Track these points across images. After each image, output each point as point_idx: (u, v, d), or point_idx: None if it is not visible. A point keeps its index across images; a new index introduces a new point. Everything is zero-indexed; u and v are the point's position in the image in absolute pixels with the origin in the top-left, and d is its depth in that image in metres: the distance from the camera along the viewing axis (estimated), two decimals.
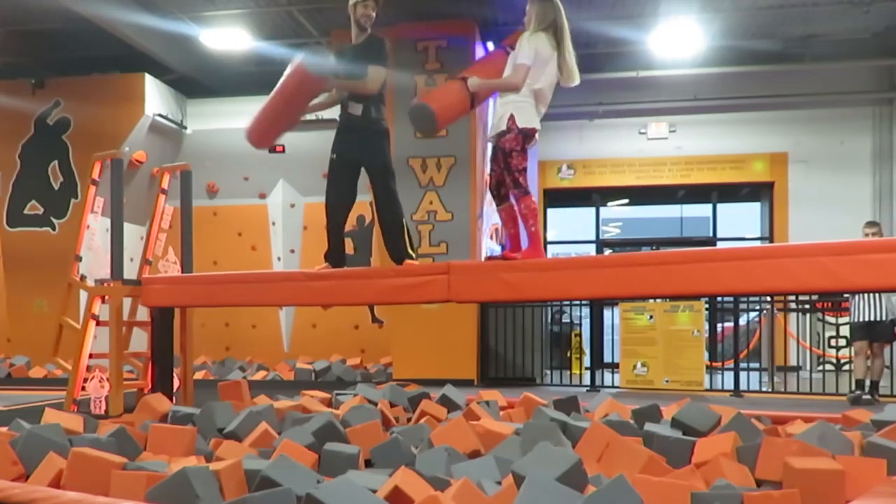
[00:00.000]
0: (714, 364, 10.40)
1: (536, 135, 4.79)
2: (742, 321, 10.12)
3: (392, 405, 5.37)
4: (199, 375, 9.42)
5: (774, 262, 3.97)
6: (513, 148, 4.67)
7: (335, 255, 5.48)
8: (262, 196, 12.11)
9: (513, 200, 4.81)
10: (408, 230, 5.36)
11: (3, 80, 11.52)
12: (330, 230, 5.51)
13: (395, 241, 5.29)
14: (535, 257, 4.68)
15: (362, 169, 5.35)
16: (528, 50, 4.63)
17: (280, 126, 5.43)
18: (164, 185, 7.42)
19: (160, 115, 11.45)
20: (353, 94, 5.21)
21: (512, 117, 4.65)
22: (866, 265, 3.75)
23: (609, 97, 11.97)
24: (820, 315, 10.32)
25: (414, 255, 5.31)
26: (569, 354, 10.94)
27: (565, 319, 11.39)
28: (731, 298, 9.14)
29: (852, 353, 7.91)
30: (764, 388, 8.95)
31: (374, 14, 5.20)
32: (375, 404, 5.08)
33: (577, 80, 4.77)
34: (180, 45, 10.95)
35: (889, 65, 11.75)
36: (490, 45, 10.27)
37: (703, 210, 13.14)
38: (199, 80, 11.98)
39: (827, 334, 10.57)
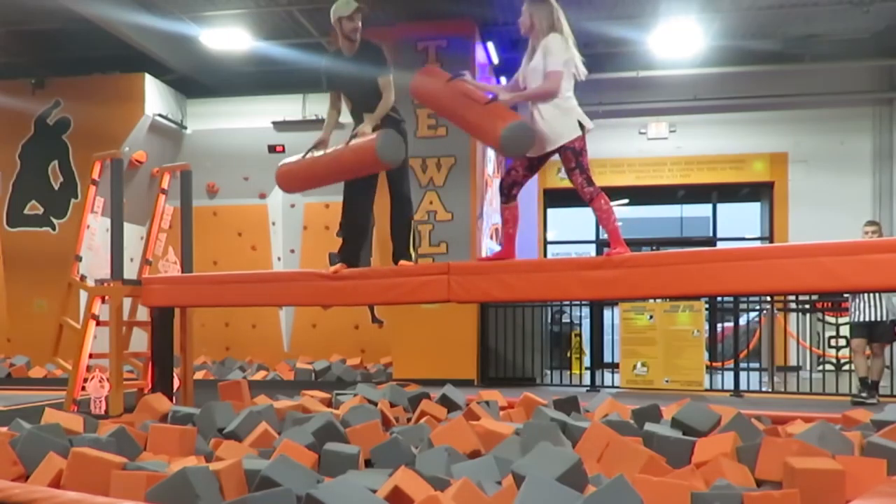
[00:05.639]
0: (714, 364, 10.39)
1: None
2: (742, 321, 10.12)
3: (392, 405, 5.37)
4: (199, 375, 9.42)
5: (774, 263, 3.97)
6: (583, 147, 4.61)
7: (353, 255, 5.31)
8: (262, 196, 12.11)
9: (587, 199, 4.64)
10: (414, 232, 5.35)
11: (3, 80, 11.53)
12: (349, 227, 5.33)
13: (400, 241, 5.28)
14: (624, 252, 4.53)
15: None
16: (556, 55, 4.52)
17: (321, 183, 5.34)
18: (164, 185, 7.42)
19: (160, 115, 11.45)
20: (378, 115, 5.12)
21: (580, 123, 4.59)
22: (866, 265, 3.75)
23: (609, 97, 11.96)
24: (820, 315, 10.32)
25: (413, 257, 5.30)
26: (569, 354, 10.94)
27: (565, 319, 11.38)
28: (731, 298, 9.13)
29: (851, 353, 7.91)
30: (764, 388, 8.95)
31: (360, 24, 5.17)
32: (375, 404, 5.08)
33: (585, 75, 4.74)
34: (180, 45, 10.95)
35: (889, 65, 11.75)
36: (490, 46, 10.27)
37: (703, 210, 13.15)
38: (199, 80, 11.98)
39: (827, 334, 10.56)
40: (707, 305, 9.31)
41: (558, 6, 4.67)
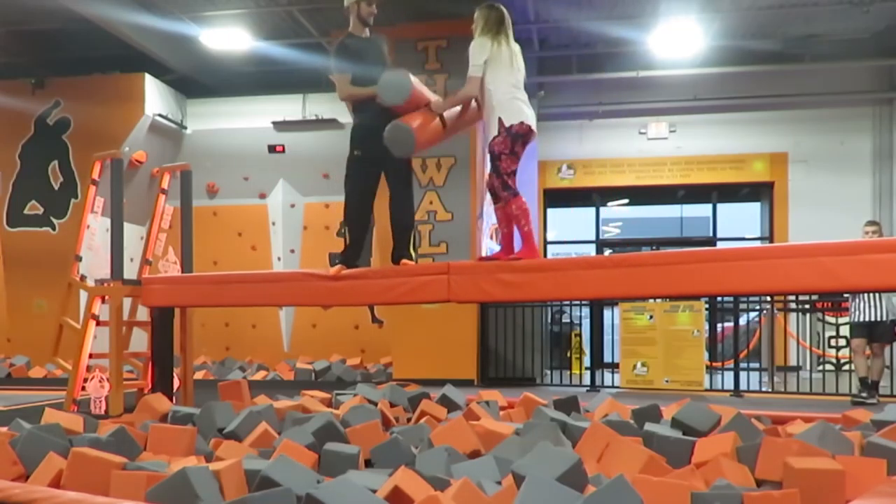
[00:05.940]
0: (714, 364, 10.39)
1: (533, 131, 4.76)
2: (742, 321, 10.12)
3: (392, 405, 5.37)
4: (199, 375, 9.42)
5: (774, 262, 3.97)
6: (501, 151, 4.66)
7: (355, 256, 5.29)
8: (262, 196, 12.11)
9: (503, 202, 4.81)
10: (414, 233, 5.36)
11: (3, 80, 11.53)
12: (354, 229, 5.30)
13: (402, 241, 5.27)
14: (529, 257, 4.67)
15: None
16: (471, 59, 4.72)
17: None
18: (164, 185, 7.42)
19: (160, 115, 11.45)
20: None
21: (500, 120, 4.66)
22: (866, 265, 3.74)
23: (609, 97, 11.96)
24: (820, 315, 10.32)
25: (413, 256, 5.30)
26: (569, 354, 10.94)
27: (565, 319, 11.39)
28: (731, 298, 9.14)
29: (851, 353, 7.91)
30: (764, 388, 8.95)
31: (376, 10, 5.20)
32: (375, 404, 5.08)
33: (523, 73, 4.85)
34: (180, 45, 10.95)
35: (889, 65, 11.75)
36: None
37: (703, 210, 13.15)
38: (199, 80, 11.98)
39: (827, 334, 10.56)
40: (707, 305, 9.31)
41: (496, 11, 4.87)
